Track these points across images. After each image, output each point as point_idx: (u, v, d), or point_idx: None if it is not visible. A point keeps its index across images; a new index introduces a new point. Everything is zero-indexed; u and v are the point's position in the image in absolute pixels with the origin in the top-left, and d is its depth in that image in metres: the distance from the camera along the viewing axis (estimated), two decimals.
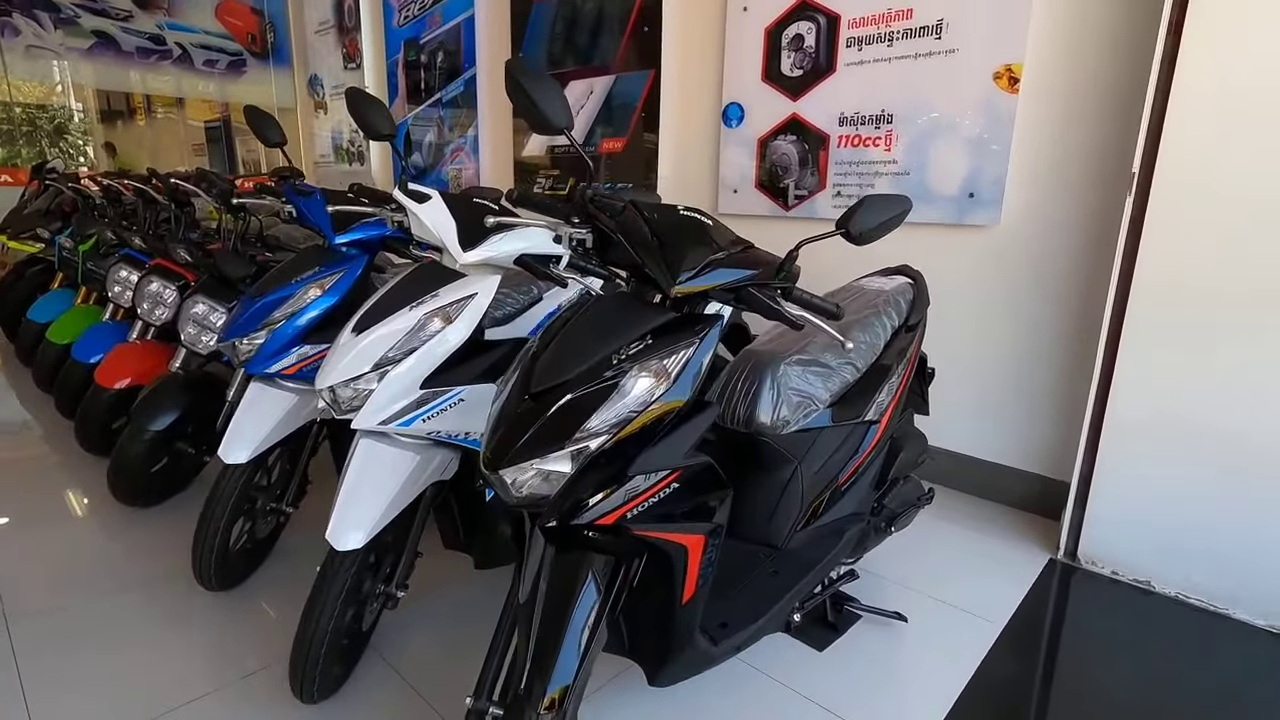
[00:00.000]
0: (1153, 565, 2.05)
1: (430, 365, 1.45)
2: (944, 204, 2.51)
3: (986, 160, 2.39)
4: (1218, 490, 1.91)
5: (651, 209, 1.21)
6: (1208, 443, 1.91)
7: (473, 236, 1.53)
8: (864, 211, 1.16)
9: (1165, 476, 1.99)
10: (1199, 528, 1.95)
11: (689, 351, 1.10)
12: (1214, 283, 1.84)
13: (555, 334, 1.20)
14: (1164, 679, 1.71)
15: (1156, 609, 1.98)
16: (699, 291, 1.14)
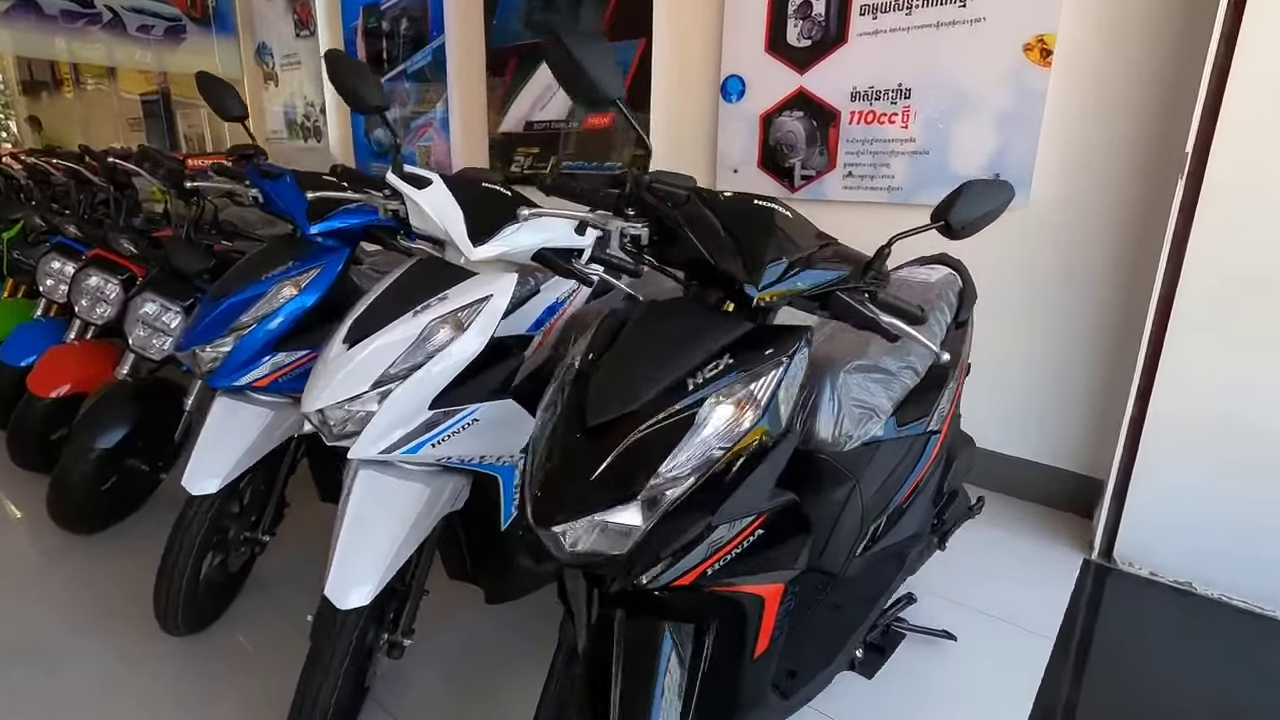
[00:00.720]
0: (1193, 566, 1.97)
1: (440, 383, 1.24)
2: None
3: (1014, 139, 2.24)
4: (1265, 490, 1.82)
5: (718, 198, 1.01)
6: (1255, 441, 1.82)
7: (483, 228, 1.31)
8: (965, 200, 0.98)
9: (1209, 475, 1.89)
10: (1243, 528, 1.87)
11: (778, 373, 0.91)
12: (1271, 273, 1.73)
13: (603, 348, 1.00)
14: (1230, 689, 1.62)
15: (1202, 611, 1.90)
16: (781, 297, 0.95)
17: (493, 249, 1.29)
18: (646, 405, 0.88)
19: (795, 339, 0.94)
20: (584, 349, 1.04)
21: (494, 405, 1.32)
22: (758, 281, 0.92)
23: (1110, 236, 2.16)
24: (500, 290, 1.30)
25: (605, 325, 1.05)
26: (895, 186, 2.52)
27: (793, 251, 0.96)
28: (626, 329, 1.00)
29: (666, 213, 0.99)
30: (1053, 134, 2.19)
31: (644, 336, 0.97)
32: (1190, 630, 1.83)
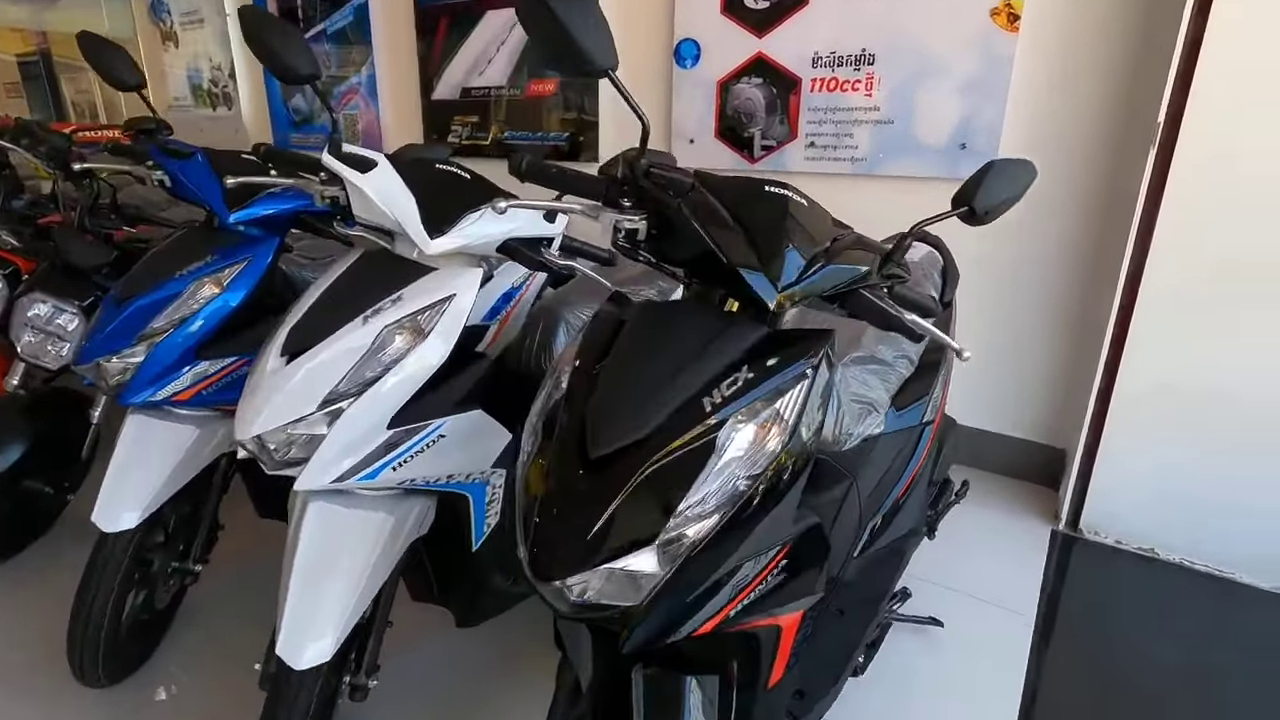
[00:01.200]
0: (1156, 533, 2.01)
1: (399, 398, 1.08)
2: (931, 156, 2.30)
3: (981, 107, 2.18)
4: (1229, 459, 1.86)
5: (725, 185, 0.88)
6: (1220, 412, 1.85)
7: (440, 216, 1.14)
8: (990, 183, 0.89)
9: (1175, 445, 1.92)
10: (1206, 496, 1.91)
11: (804, 387, 0.80)
12: (1237, 248, 1.74)
13: (596, 360, 0.87)
14: (1199, 652, 1.66)
15: (1166, 577, 1.94)
16: (801, 298, 0.84)
17: (453, 241, 1.13)
18: (657, 431, 0.76)
19: (818, 345, 0.84)
20: (572, 361, 0.91)
21: (461, 418, 1.17)
22: (776, 280, 0.81)
23: (1079, 208, 2.14)
24: (464, 288, 1.14)
25: (595, 332, 0.92)
26: (859, 157, 2.44)
27: (811, 245, 0.85)
28: (623, 337, 0.87)
29: (667, 202, 0.86)
30: (1020, 102, 2.14)
31: (646, 346, 0.84)
32: (1157, 596, 1.87)
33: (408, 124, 3.71)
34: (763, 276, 0.81)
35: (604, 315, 0.96)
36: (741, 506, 0.78)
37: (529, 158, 0.96)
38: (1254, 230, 1.72)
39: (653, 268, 0.95)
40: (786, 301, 0.82)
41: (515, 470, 0.91)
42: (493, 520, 1.29)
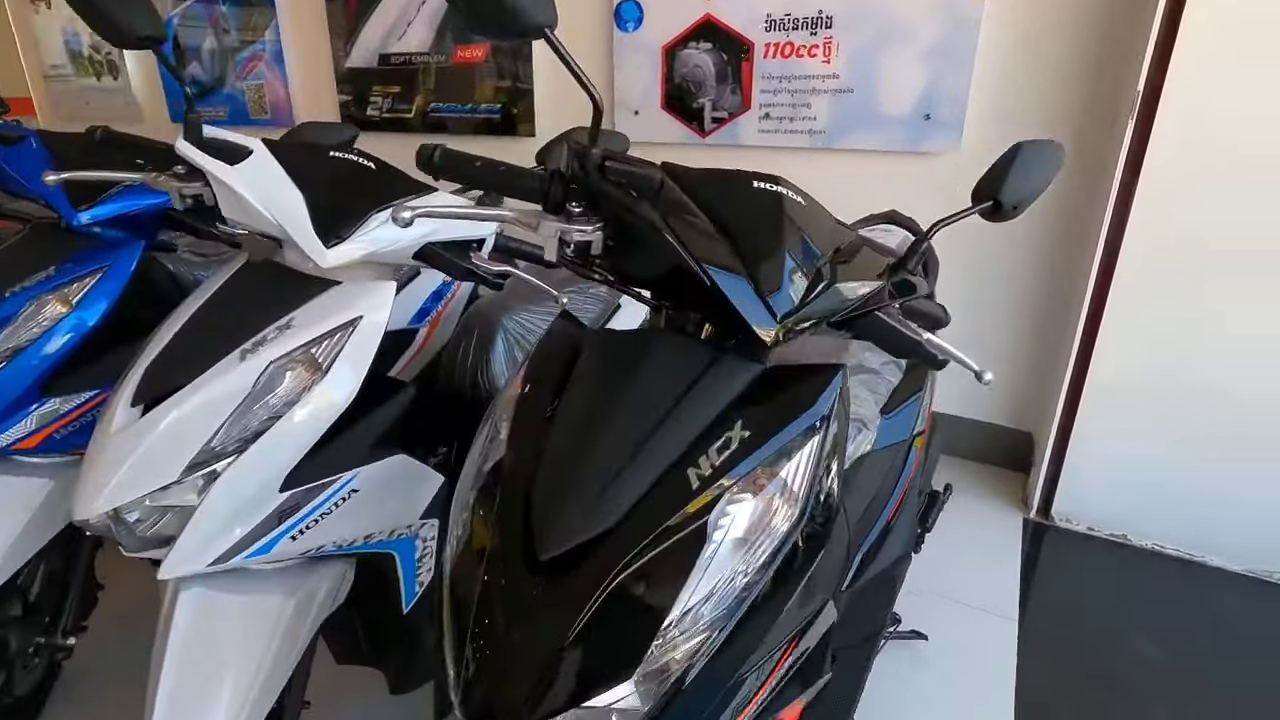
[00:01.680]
0: (1128, 519, 1.96)
1: (294, 452, 0.86)
2: (894, 127, 2.15)
3: (945, 75, 2.04)
4: (1199, 445, 1.81)
5: (702, 181, 0.69)
6: (1193, 398, 1.79)
7: (338, 218, 0.91)
8: (1018, 171, 0.74)
9: (1146, 431, 1.86)
10: (1177, 481, 1.86)
11: (817, 443, 0.63)
12: (1215, 231, 1.65)
13: (541, 400, 0.68)
14: (1177, 637, 1.62)
15: (1139, 563, 1.90)
16: (802, 328, 0.66)
17: (354, 249, 0.91)
18: (629, 520, 0.58)
19: (829, 386, 0.66)
20: (513, 405, 0.71)
21: (378, 467, 0.96)
22: (775, 306, 0.63)
23: (1053, 184, 2.02)
24: (373, 307, 0.92)
25: (542, 365, 0.72)
26: (818, 129, 2.27)
27: (814, 257, 0.67)
28: (579, 379, 0.68)
29: (630, 207, 0.66)
30: (987, 69, 2.01)
31: (608, 394, 0.65)
32: (1133, 584, 1.83)
33: (320, 95, 3.34)
34: (758, 302, 0.63)
35: (554, 341, 0.76)
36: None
37: (443, 147, 0.74)
38: (1234, 213, 1.63)
39: (610, 286, 0.75)
40: (786, 332, 0.64)
41: (444, 556, 0.71)
42: (425, 577, 1.09)
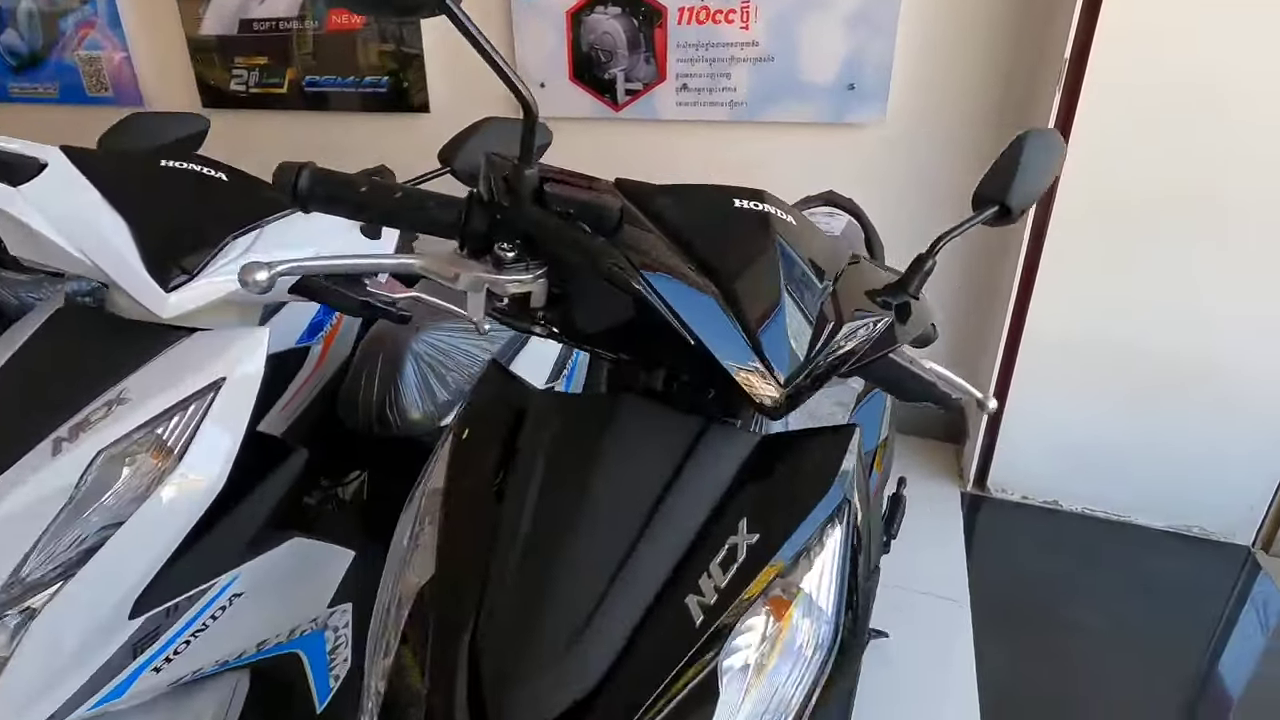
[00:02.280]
0: (1059, 485, 2.00)
1: (145, 566, 0.66)
2: (818, 97, 2.05)
3: (869, 42, 1.94)
4: (1122, 407, 1.85)
5: (670, 202, 0.54)
6: (1118, 361, 1.82)
7: (180, 252, 0.70)
8: (1025, 173, 0.63)
9: (1076, 396, 1.88)
10: (1101, 444, 1.90)
11: (840, 537, 0.50)
12: (1145, 193, 1.65)
13: (477, 484, 0.52)
14: (1115, 597, 1.68)
15: (1074, 527, 1.95)
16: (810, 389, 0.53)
17: (206, 290, 0.70)
18: (616, 684, 0.43)
19: (841, 455, 0.53)
20: (441, 492, 0.55)
21: (266, 559, 0.76)
22: (777, 366, 0.49)
23: (978, 154, 1.98)
24: (241, 361, 0.72)
25: (475, 436, 0.56)
26: (739, 101, 2.14)
27: (815, 293, 0.53)
28: (526, 468, 0.52)
29: (584, 249, 0.50)
30: (910, 35, 1.92)
31: (569, 488, 0.50)
32: (1069, 549, 1.87)
33: (171, 67, 2.90)
34: (756, 362, 0.49)
35: (487, 402, 0.60)
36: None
37: (311, 168, 0.54)
38: (1158, 179, 1.63)
39: (555, 340, 0.59)
40: (793, 395, 0.50)
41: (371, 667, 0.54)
42: (341, 669, 0.91)
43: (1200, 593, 1.73)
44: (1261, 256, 1.61)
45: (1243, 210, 1.59)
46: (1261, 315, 1.65)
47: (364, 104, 2.65)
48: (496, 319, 0.58)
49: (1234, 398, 1.74)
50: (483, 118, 0.88)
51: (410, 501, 0.59)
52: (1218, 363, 1.72)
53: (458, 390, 1.21)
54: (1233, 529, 1.85)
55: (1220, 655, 1.59)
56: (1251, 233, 1.60)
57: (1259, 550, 1.83)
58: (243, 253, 0.72)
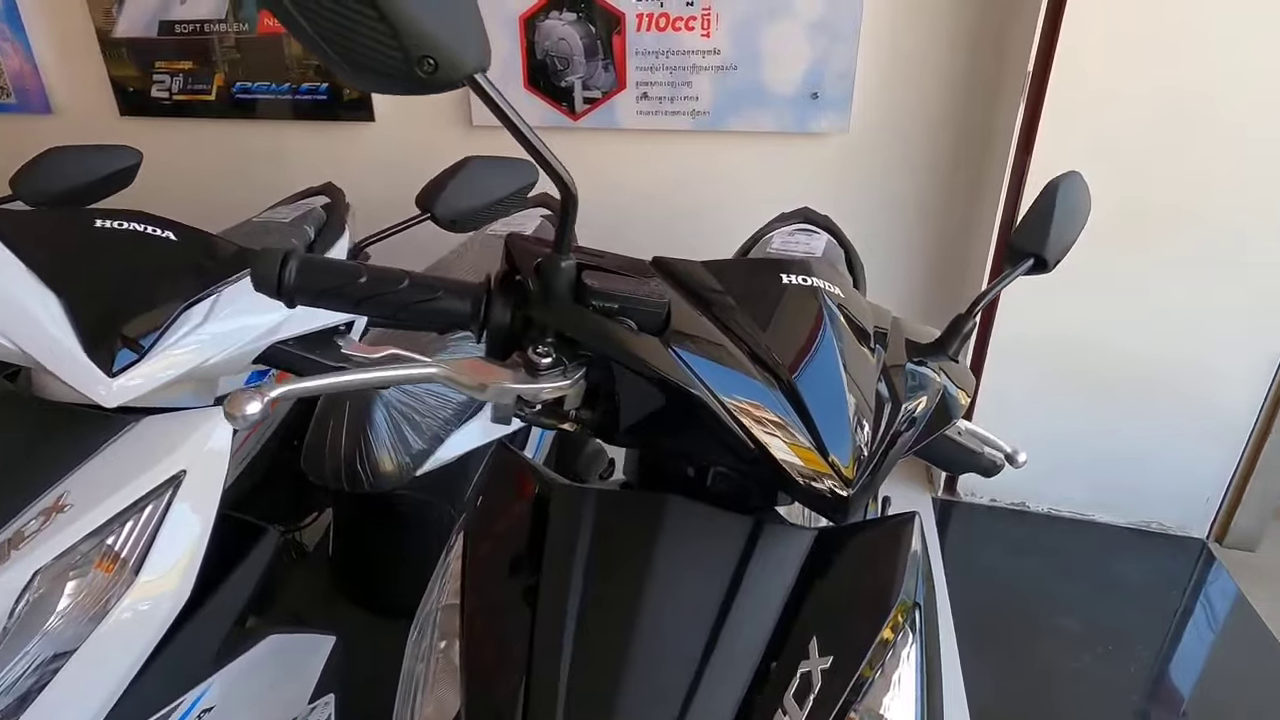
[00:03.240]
0: (1027, 487, 2.05)
1: (104, 694, 0.57)
2: (781, 107, 2.02)
3: (831, 50, 1.92)
4: (1086, 411, 1.90)
5: (715, 282, 0.48)
6: (1081, 366, 1.86)
7: (123, 327, 0.61)
8: (1059, 220, 0.61)
9: (1039, 399, 1.92)
10: (1069, 447, 1.95)
11: (916, 651, 0.46)
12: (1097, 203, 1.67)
13: (498, 607, 0.46)
14: (1085, 597, 1.72)
15: (1041, 528, 1.99)
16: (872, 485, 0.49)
17: (158, 371, 0.61)
18: None
19: (907, 550, 0.49)
20: (455, 624, 0.48)
21: (242, 664, 0.68)
22: (841, 461, 0.45)
23: (946, 162, 1.98)
24: (202, 449, 0.63)
25: (490, 544, 0.50)
26: (701, 110, 2.09)
27: (871, 373, 0.49)
28: (556, 579, 0.46)
29: (628, 352, 0.44)
30: (873, 44, 1.91)
31: (612, 604, 0.45)
32: (1039, 550, 1.92)
33: (83, 71, 2.67)
34: (821, 458, 0.44)
35: (500, 492, 0.53)
36: None
37: (298, 259, 0.46)
38: (1113, 187, 1.66)
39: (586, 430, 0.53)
40: (859, 490, 0.46)
41: None
42: None
43: (1160, 585, 1.80)
44: (1213, 263, 1.67)
45: (1196, 219, 1.64)
46: (1214, 319, 1.71)
47: (302, 112, 2.49)
48: (521, 419, 0.51)
49: (1188, 399, 1.80)
50: (463, 158, 0.80)
51: (420, 619, 0.53)
52: (1173, 365, 1.78)
53: (433, 438, 1.12)
54: (1189, 523, 1.93)
55: (1179, 643, 1.65)
56: (1204, 241, 1.66)
57: (1213, 542, 1.91)
58: (198, 324, 0.63)
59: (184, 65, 2.56)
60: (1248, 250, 1.64)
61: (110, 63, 2.62)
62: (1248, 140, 1.56)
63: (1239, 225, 1.63)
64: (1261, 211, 1.61)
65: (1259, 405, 1.79)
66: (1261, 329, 1.70)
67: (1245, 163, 1.57)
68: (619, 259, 0.49)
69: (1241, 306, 1.69)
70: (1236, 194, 1.60)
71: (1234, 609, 1.73)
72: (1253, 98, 1.52)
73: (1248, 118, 1.54)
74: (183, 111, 2.60)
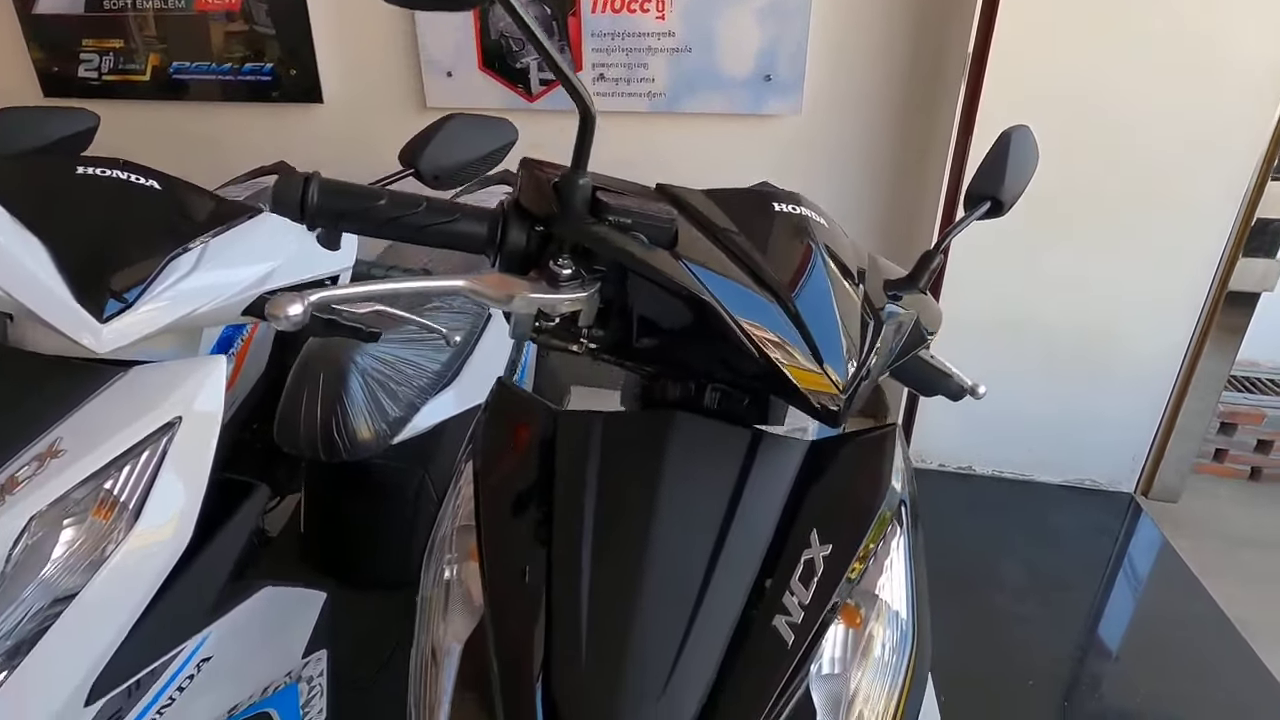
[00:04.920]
0: (972, 452, 2.16)
1: (103, 645, 0.57)
2: (735, 90, 2.07)
3: (783, 32, 1.98)
4: (1024, 378, 2.01)
5: (713, 207, 0.52)
6: (1015, 333, 1.97)
7: (111, 273, 0.60)
8: (1013, 164, 0.67)
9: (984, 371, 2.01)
10: (1009, 413, 2.06)
11: (905, 542, 0.51)
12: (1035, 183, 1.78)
13: (511, 530, 0.48)
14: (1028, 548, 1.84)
15: (987, 489, 2.11)
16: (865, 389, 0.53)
17: (149, 317, 0.60)
18: (719, 712, 0.41)
19: (891, 454, 0.54)
20: (468, 544, 0.50)
21: (237, 615, 0.68)
22: (834, 371, 0.49)
23: (894, 144, 2.07)
24: (198, 396, 0.63)
25: (497, 476, 0.51)
26: (657, 92, 2.13)
27: (855, 297, 0.53)
28: (570, 495, 0.49)
29: (642, 261, 0.46)
30: (823, 26, 1.98)
31: (626, 511, 0.47)
32: (988, 510, 2.03)
33: (2, 49, 2.52)
34: (815, 365, 0.48)
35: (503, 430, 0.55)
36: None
37: (319, 181, 0.47)
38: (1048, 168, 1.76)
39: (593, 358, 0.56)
40: (850, 400, 0.50)
41: None
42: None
43: (1094, 535, 1.94)
44: (1132, 243, 1.80)
45: (1119, 201, 1.77)
46: (1133, 294, 1.85)
47: (245, 94, 2.42)
48: (535, 340, 0.53)
49: (1114, 364, 1.94)
50: (444, 115, 0.81)
51: (433, 547, 0.54)
52: (1101, 334, 1.92)
53: (409, 405, 1.12)
54: (1118, 480, 2.07)
55: (1114, 585, 1.79)
56: (1121, 223, 1.78)
57: (1140, 496, 2.06)
58: (186, 273, 0.62)
59: (114, 44, 2.44)
60: (1155, 232, 1.77)
61: (31, 42, 2.48)
62: (1154, 129, 1.68)
63: (1150, 208, 1.76)
64: (1167, 196, 1.74)
65: (1175, 371, 1.95)
66: (1174, 302, 1.85)
67: (1149, 151, 1.70)
68: (627, 183, 0.52)
69: (1157, 282, 1.83)
70: (1143, 181, 1.73)
71: (1160, 554, 1.87)
72: (1159, 89, 1.65)
73: (1157, 108, 1.66)
74: (113, 93, 2.48)
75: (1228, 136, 1.66)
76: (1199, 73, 1.62)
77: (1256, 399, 2.20)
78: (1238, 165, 1.69)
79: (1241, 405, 2.18)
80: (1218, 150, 1.68)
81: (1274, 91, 1.61)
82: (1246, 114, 1.64)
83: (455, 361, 1.21)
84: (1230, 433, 2.19)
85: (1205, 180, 1.71)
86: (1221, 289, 1.84)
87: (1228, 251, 1.80)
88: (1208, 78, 1.62)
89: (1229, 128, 1.66)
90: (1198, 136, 1.67)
